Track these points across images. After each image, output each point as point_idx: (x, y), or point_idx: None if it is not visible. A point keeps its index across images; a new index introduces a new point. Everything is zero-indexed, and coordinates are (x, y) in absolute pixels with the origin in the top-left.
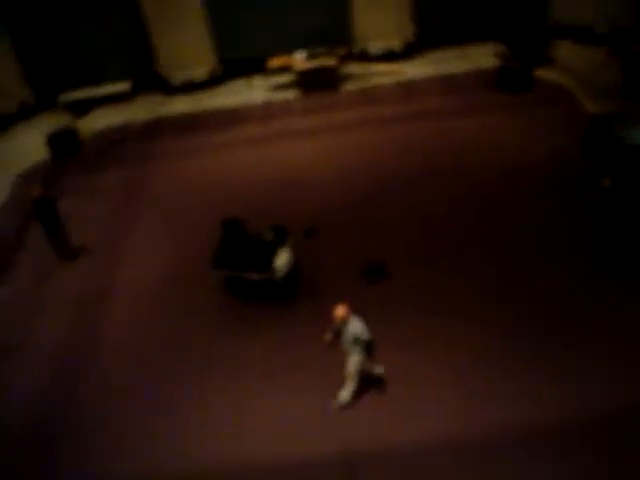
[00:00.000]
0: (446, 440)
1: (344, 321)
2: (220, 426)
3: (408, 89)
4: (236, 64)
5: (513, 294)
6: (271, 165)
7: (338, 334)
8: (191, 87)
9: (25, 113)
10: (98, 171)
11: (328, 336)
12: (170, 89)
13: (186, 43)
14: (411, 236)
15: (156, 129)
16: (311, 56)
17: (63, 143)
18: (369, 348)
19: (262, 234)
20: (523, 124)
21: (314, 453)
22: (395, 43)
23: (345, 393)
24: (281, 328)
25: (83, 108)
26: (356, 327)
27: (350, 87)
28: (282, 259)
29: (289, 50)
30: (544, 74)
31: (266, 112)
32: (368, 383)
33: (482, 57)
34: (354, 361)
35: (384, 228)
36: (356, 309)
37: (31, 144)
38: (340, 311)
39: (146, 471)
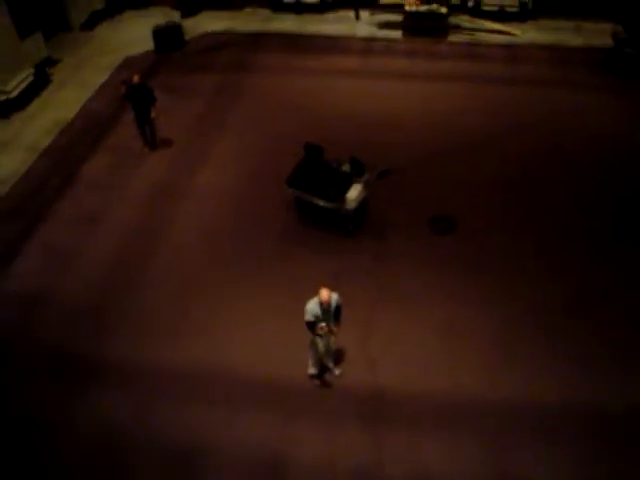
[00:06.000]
0: (466, 394)
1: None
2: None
3: (513, 52)
4: None
5: (577, 272)
6: (361, 100)
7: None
8: (300, 8)
9: (135, 3)
10: (195, 72)
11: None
12: (280, 6)
13: None
14: (485, 194)
15: (258, 42)
16: (424, 0)
17: (167, 38)
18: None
19: (340, 164)
20: (621, 110)
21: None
22: (511, 3)
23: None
24: (335, 258)
25: (193, 9)
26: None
27: (456, 39)
28: (354, 192)
29: None
30: None
31: (367, 47)
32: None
33: (596, 35)
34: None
35: (459, 182)
36: (416, 256)
37: (137, 34)
38: (326, 293)
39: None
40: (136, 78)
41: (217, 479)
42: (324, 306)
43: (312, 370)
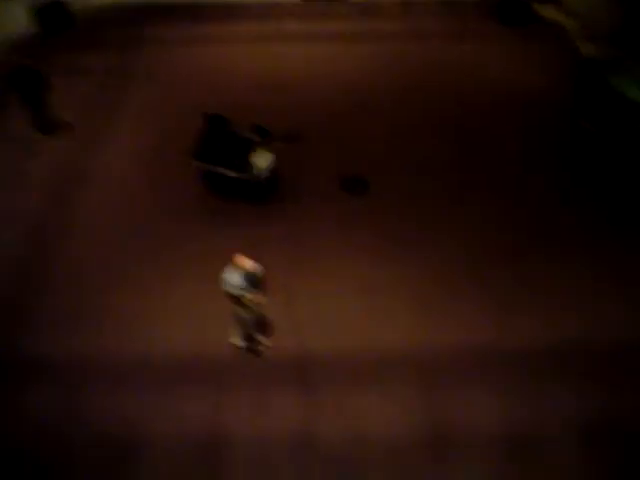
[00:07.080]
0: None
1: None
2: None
3: (409, 7)
4: None
5: (483, 215)
6: (261, 65)
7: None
8: None
9: None
10: (88, 50)
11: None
12: None
13: None
14: (394, 151)
15: (150, 14)
16: None
17: (52, 17)
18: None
19: (245, 133)
20: (514, 57)
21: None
22: None
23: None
24: (250, 228)
25: None
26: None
27: None
28: (262, 160)
29: None
30: (546, 11)
31: (264, 11)
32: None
33: None
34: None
35: (367, 142)
36: (331, 218)
37: (17, 14)
38: (248, 263)
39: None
40: (22, 61)
41: (156, 463)
42: (248, 276)
43: (239, 342)
